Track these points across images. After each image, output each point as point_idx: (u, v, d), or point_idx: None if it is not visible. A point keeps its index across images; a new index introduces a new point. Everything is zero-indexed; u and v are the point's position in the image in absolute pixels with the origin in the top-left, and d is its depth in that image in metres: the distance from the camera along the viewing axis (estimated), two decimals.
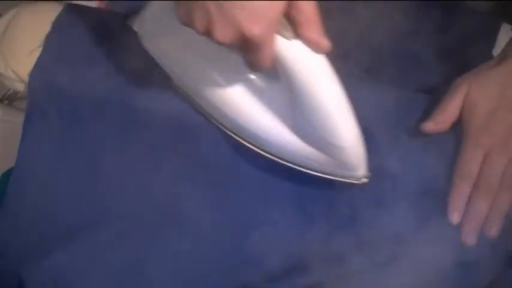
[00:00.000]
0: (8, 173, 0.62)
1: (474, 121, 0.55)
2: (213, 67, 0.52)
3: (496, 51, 0.68)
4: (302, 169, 0.54)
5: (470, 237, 0.55)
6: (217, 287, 0.59)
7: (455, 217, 0.55)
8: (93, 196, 0.59)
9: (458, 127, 0.57)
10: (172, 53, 0.53)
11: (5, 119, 0.68)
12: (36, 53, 0.59)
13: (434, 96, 0.60)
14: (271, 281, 0.58)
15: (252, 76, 0.52)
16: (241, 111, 0.52)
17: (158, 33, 0.53)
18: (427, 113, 0.58)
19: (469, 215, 0.55)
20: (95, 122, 0.58)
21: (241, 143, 0.55)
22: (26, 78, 0.59)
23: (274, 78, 0.49)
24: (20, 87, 0.61)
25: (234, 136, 0.55)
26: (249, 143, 0.54)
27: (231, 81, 0.52)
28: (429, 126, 0.57)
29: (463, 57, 0.67)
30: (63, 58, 0.58)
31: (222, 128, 0.55)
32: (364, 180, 0.54)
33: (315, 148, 0.51)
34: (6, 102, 0.70)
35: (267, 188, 0.58)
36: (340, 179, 0.54)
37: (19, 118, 0.60)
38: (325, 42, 0.46)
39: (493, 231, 0.55)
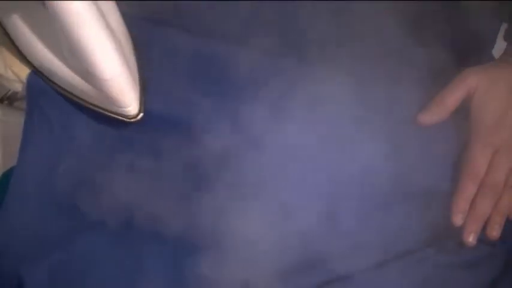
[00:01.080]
0: (9, 173, 0.62)
1: (485, 120, 0.55)
2: None
3: (496, 51, 0.68)
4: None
5: (471, 238, 0.55)
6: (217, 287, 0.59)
7: (458, 219, 0.55)
8: (93, 196, 0.59)
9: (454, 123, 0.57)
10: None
11: (5, 119, 0.68)
12: None
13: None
14: (270, 281, 0.58)
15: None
16: (42, 53, 0.57)
17: None
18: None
19: (472, 215, 0.55)
20: (93, 122, 0.58)
21: None
22: (25, 78, 0.59)
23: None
24: (20, 87, 0.61)
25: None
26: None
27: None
28: (425, 117, 0.56)
29: (463, 57, 0.67)
30: None
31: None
32: (138, 118, 0.56)
33: (86, 81, 0.55)
34: (6, 102, 0.70)
35: (266, 188, 0.58)
36: (116, 116, 0.56)
37: (19, 118, 0.60)
38: None
39: (495, 232, 0.55)
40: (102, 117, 0.58)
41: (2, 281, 0.58)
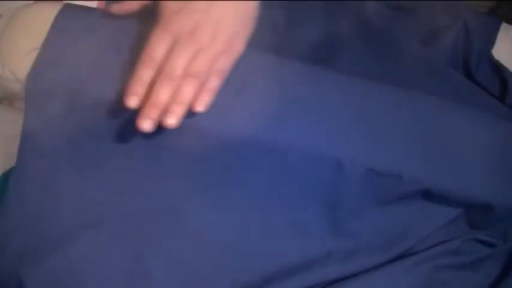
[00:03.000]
0: (9, 173, 0.62)
1: (168, 6, 0.54)
2: None
3: (496, 51, 0.68)
4: None
5: (146, 124, 0.52)
6: (217, 287, 0.59)
7: (132, 101, 0.52)
8: (93, 196, 0.59)
9: None
10: None
11: (5, 119, 0.68)
12: (34, 54, 0.59)
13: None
14: (270, 282, 0.58)
15: None
16: None
17: None
18: (424, 112, 0.58)
19: (148, 101, 0.52)
20: (94, 122, 0.58)
21: None
22: (23, 79, 0.59)
23: None
24: (18, 88, 0.61)
25: None
26: None
27: None
28: (114, 7, 0.57)
29: (463, 56, 0.67)
30: (62, 59, 0.58)
31: None
32: None
33: None
34: (6, 102, 0.70)
35: (267, 188, 0.59)
36: None
37: (19, 118, 0.60)
38: None
39: (173, 120, 0.53)
40: (101, 118, 0.58)
41: (2, 281, 0.59)
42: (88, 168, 0.59)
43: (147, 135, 0.57)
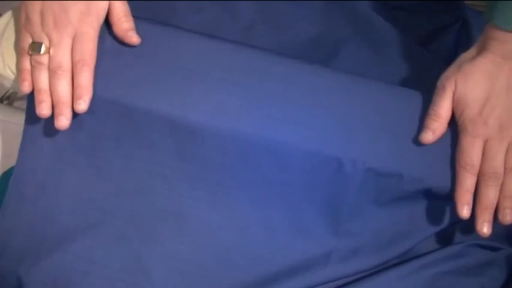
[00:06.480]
0: (9, 173, 0.62)
1: (468, 113, 0.55)
2: None
3: None
4: None
5: (486, 228, 0.54)
6: (216, 287, 0.59)
7: (465, 211, 0.55)
8: (93, 196, 0.59)
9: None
10: None
11: (5, 119, 0.68)
12: None
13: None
14: (270, 282, 0.58)
15: None
16: None
17: None
18: (424, 111, 0.58)
19: (480, 205, 0.54)
20: (93, 122, 0.58)
21: None
22: None
23: None
24: (18, 87, 0.61)
25: None
26: None
27: None
28: (428, 137, 0.56)
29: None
30: None
31: None
32: None
33: None
34: (6, 102, 0.70)
35: (267, 188, 0.58)
36: None
37: (19, 118, 0.60)
38: (132, 38, 0.57)
39: (508, 217, 0.54)
40: (101, 117, 0.58)
41: (1, 281, 0.58)
42: (88, 168, 0.59)
43: (146, 136, 0.57)
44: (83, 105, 0.55)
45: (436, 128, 0.56)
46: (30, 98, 0.57)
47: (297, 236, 0.59)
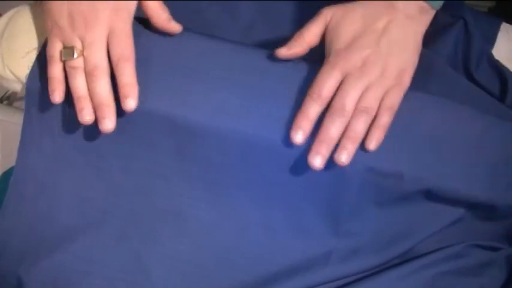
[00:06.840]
0: (8, 173, 0.62)
1: (335, 44, 0.54)
2: None
3: (496, 51, 0.68)
4: None
5: (317, 161, 0.53)
6: (216, 287, 0.59)
7: (298, 136, 0.53)
8: (92, 196, 0.59)
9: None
10: None
11: (5, 119, 0.68)
12: (34, 54, 0.59)
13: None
14: (270, 282, 0.58)
15: None
16: None
17: None
18: (424, 111, 0.58)
19: (318, 137, 0.53)
20: (93, 122, 0.57)
21: None
22: (23, 78, 0.59)
23: None
24: (19, 87, 0.61)
25: None
26: None
27: None
28: (282, 51, 0.56)
29: (463, 56, 0.67)
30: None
31: None
32: None
33: None
34: (6, 102, 0.70)
35: (267, 188, 0.59)
36: None
37: (19, 118, 0.60)
38: (174, 26, 0.57)
39: (344, 158, 0.53)
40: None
41: (1, 281, 0.59)
42: (88, 168, 0.59)
43: (146, 136, 0.57)
44: (132, 104, 0.53)
45: (294, 47, 0.56)
46: (29, 98, 0.57)
47: (297, 236, 0.59)
